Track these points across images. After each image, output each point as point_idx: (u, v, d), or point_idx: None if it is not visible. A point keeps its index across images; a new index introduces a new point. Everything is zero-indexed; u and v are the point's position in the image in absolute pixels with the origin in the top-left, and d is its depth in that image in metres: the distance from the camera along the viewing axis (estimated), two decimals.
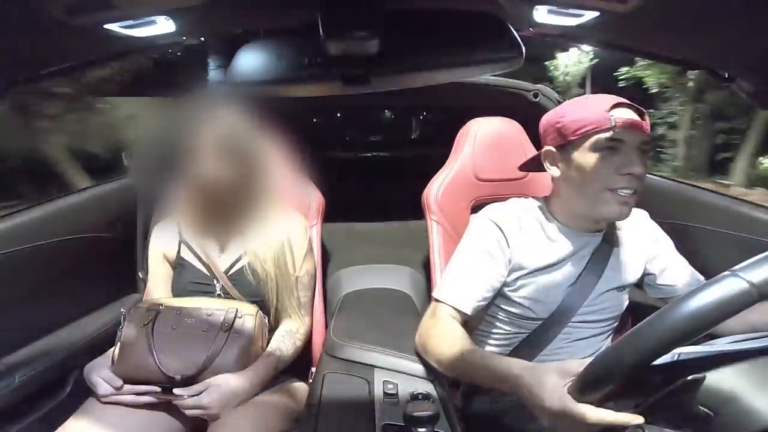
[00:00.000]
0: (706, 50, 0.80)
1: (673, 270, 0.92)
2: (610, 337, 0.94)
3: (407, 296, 1.17)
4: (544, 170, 0.90)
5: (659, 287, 0.93)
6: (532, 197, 0.94)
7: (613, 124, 0.78)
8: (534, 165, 0.94)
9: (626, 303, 0.93)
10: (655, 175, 1.28)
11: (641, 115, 0.80)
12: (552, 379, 0.58)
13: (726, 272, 0.44)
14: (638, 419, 0.49)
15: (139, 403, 0.84)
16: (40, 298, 0.99)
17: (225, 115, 0.95)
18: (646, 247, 0.92)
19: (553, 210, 0.90)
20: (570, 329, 0.87)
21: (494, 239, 0.87)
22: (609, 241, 0.89)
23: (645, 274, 0.93)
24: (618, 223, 0.91)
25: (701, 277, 0.92)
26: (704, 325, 0.44)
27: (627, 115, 0.79)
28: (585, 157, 0.81)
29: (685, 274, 0.92)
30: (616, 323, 0.94)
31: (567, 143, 0.83)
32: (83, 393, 0.88)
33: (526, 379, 0.61)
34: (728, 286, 0.43)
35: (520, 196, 0.97)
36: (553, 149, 0.86)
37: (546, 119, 0.89)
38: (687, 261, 0.95)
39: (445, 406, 0.72)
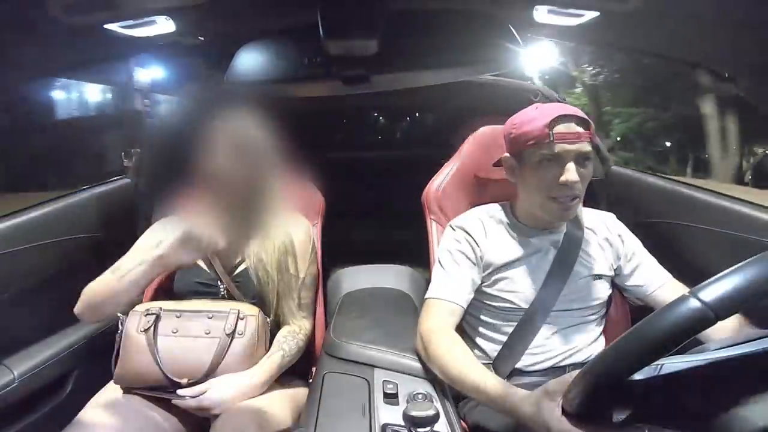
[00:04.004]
0: (706, 50, 0.80)
1: (642, 271, 0.97)
2: (600, 326, 0.98)
3: (407, 296, 1.17)
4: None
5: (628, 288, 0.99)
6: (497, 203, 1.02)
7: (551, 138, 0.84)
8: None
9: (607, 293, 0.98)
10: (650, 173, 1.28)
11: (586, 125, 0.86)
12: (548, 404, 0.60)
13: (685, 294, 0.45)
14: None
15: (139, 408, 0.83)
16: (40, 298, 0.99)
17: (237, 114, 0.95)
18: (615, 245, 0.98)
19: (516, 211, 0.99)
20: (555, 317, 0.91)
21: (464, 241, 0.95)
22: (575, 234, 0.96)
23: (616, 274, 0.99)
24: (585, 220, 0.98)
25: (668, 277, 0.96)
26: (663, 349, 0.45)
27: (565, 129, 0.85)
28: (530, 167, 0.89)
29: (654, 275, 0.96)
30: (602, 311, 0.98)
31: (519, 153, 0.91)
32: (83, 393, 0.88)
33: (526, 412, 0.63)
34: (686, 309, 0.44)
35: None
36: (510, 157, 0.94)
37: (505, 127, 0.96)
38: (681, 260, 0.98)
39: (445, 406, 0.72)
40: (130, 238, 1.09)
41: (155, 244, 1.00)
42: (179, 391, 0.82)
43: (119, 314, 0.89)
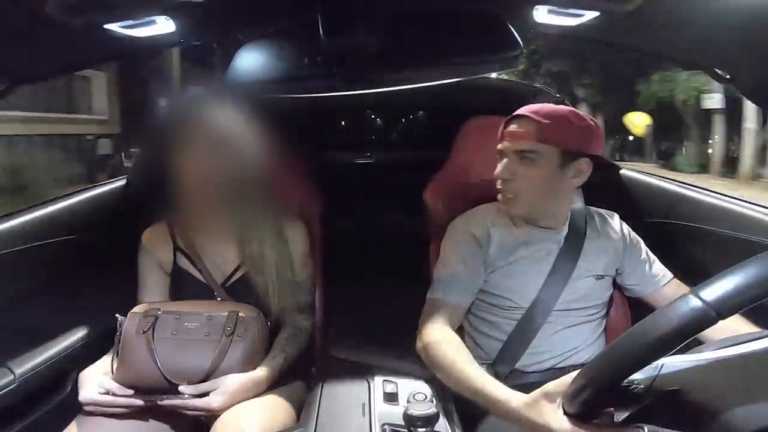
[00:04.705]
0: (706, 50, 0.80)
1: (645, 271, 0.97)
2: (600, 326, 0.98)
3: (407, 296, 1.17)
4: None
5: (630, 287, 0.99)
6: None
7: (500, 135, 0.92)
8: None
9: (609, 292, 0.98)
10: (652, 175, 1.28)
11: (540, 126, 0.87)
12: (547, 405, 0.60)
13: (687, 293, 0.45)
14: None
15: (138, 408, 0.83)
16: (41, 298, 0.99)
17: (220, 111, 0.91)
18: (617, 245, 0.98)
19: None
20: (556, 317, 0.91)
21: (467, 240, 0.95)
22: (578, 234, 0.96)
23: (618, 273, 0.99)
24: (588, 219, 0.99)
25: (670, 277, 0.96)
26: (665, 348, 0.45)
27: (513, 127, 0.91)
28: None
29: (657, 275, 0.97)
30: (603, 311, 0.98)
31: None
32: None
33: (526, 414, 0.62)
34: (688, 308, 0.44)
35: None
36: None
37: None
38: (683, 260, 0.99)
39: (445, 406, 0.72)
40: (131, 239, 1.09)
41: (156, 260, 0.99)
42: (181, 388, 0.81)
43: (118, 315, 0.89)
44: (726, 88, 8.10)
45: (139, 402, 0.82)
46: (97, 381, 0.82)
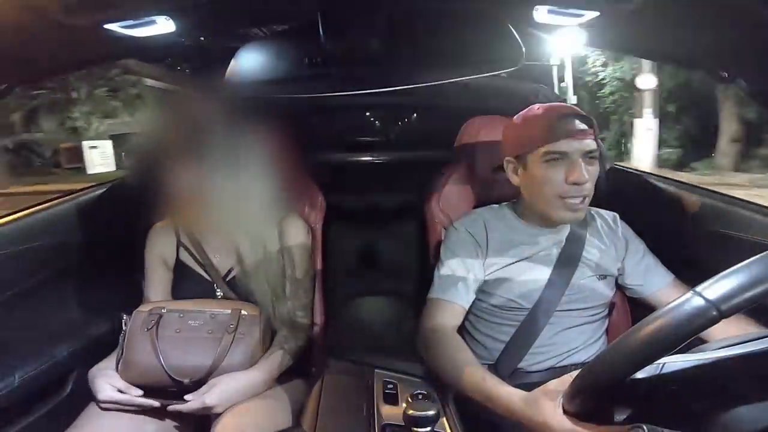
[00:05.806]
0: (706, 50, 0.80)
1: (646, 271, 0.97)
2: (602, 326, 0.98)
3: (407, 297, 1.17)
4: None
5: (630, 287, 0.99)
6: (500, 203, 1.02)
7: (557, 136, 0.84)
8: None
9: (611, 292, 0.97)
10: (651, 174, 1.28)
11: (589, 122, 0.85)
12: (547, 403, 0.60)
13: (689, 293, 0.45)
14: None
15: (141, 407, 0.83)
16: (41, 298, 0.99)
17: (216, 112, 0.91)
18: (618, 245, 0.98)
19: (519, 211, 0.98)
20: (558, 318, 0.91)
21: (467, 241, 0.95)
22: (579, 234, 0.95)
23: (619, 274, 0.98)
24: (588, 219, 0.98)
25: (671, 277, 0.96)
26: (667, 347, 0.44)
27: (571, 126, 0.84)
28: (537, 167, 0.87)
29: (657, 276, 0.96)
30: (605, 311, 0.98)
31: (524, 155, 0.89)
32: (83, 393, 0.88)
33: (526, 412, 0.63)
34: (690, 306, 0.43)
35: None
36: (513, 159, 0.93)
37: (505, 130, 0.96)
38: (682, 261, 0.98)
39: (445, 406, 0.72)
40: (131, 239, 1.09)
41: (161, 256, 1.00)
42: (186, 397, 0.82)
43: (123, 314, 0.90)
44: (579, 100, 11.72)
45: (154, 403, 0.83)
46: (107, 379, 0.84)
